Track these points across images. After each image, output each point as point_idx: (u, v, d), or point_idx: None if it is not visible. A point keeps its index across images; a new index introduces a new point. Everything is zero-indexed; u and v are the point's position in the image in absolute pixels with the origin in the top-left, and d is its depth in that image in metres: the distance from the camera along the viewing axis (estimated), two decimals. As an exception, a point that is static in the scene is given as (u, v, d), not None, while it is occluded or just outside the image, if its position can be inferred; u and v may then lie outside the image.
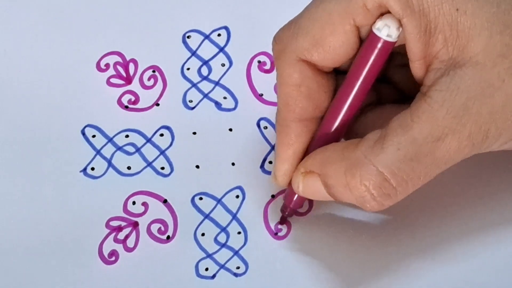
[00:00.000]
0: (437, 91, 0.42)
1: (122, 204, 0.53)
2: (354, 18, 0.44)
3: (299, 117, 0.47)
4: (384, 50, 0.44)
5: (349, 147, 0.45)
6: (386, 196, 0.44)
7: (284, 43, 0.46)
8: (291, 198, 0.50)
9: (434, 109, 0.42)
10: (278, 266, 0.51)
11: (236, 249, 0.51)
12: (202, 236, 0.52)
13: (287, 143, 0.47)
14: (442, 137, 0.42)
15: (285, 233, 0.52)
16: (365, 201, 0.44)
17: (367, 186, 0.43)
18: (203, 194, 0.53)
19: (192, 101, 0.56)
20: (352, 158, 0.44)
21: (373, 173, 0.43)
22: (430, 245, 0.51)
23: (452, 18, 0.42)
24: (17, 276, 0.51)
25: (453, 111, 0.42)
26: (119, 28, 0.57)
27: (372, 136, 0.44)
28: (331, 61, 0.45)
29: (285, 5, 0.58)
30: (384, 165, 0.43)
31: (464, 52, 0.42)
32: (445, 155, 0.43)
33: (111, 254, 0.51)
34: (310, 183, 0.46)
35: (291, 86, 0.46)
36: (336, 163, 0.45)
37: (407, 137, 0.43)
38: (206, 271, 0.51)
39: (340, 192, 0.45)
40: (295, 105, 0.46)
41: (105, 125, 0.55)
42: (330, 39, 0.44)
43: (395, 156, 0.43)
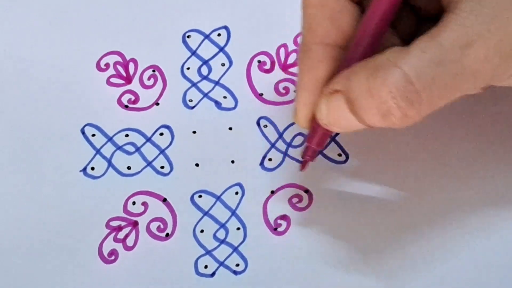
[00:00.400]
0: (465, 2, 0.41)
1: (122, 205, 0.53)
2: None
3: (322, 40, 0.45)
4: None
5: (373, 57, 0.43)
6: (409, 102, 0.41)
7: None
8: (313, 137, 0.47)
9: (462, 17, 0.41)
10: (277, 262, 0.50)
11: (235, 245, 0.51)
12: (201, 233, 0.52)
13: (308, 68, 0.46)
14: (470, 44, 0.41)
15: (284, 229, 0.52)
16: (388, 109, 0.42)
17: (390, 88, 0.41)
18: (202, 192, 0.53)
19: (192, 100, 0.56)
20: (376, 63, 0.42)
21: (397, 74, 0.41)
22: (433, 242, 0.51)
23: None
24: (17, 276, 0.51)
25: (481, 18, 0.41)
26: (119, 28, 0.57)
27: (397, 47, 0.42)
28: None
29: (285, 5, 0.58)
30: (409, 66, 0.41)
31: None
32: (472, 63, 0.41)
33: (111, 254, 0.51)
34: (335, 104, 0.44)
35: (315, 6, 0.45)
36: (359, 72, 0.43)
37: (434, 42, 0.41)
38: (205, 268, 0.50)
39: (363, 105, 0.42)
40: (317, 27, 0.45)
41: (105, 125, 0.55)
42: None
43: (420, 58, 0.41)
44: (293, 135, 0.54)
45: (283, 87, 0.56)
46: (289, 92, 0.56)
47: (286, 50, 0.57)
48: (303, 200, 0.52)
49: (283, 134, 0.54)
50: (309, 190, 0.53)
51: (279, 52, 0.57)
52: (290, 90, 0.56)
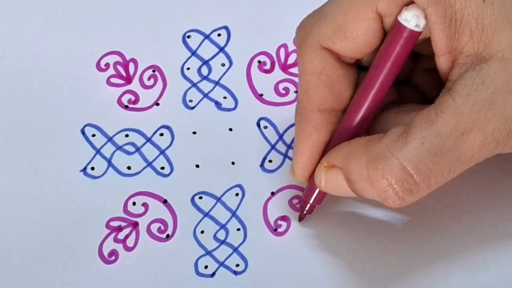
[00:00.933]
0: (462, 86, 0.42)
1: (122, 205, 0.53)
2: (377, 5, 0.43)
3: (319, 107, 0.46)
4: (409, 40, 0.43)
5: (372, 141, 0.44)
6: (408, 191, 0.43)
7: (307, 30, 0.46)
8: (311, 194, 0.49)
9: (459, 103, 0.42)
10: (277, 262, 0.50)
11: (236, 245, 0.51)
12: (202, 234, 0.52)
13: (305, 134, 0.47)
14: (467, 132, 0.42)
15: (284, 229, 0.52)
16: (387, 197, 0.43)
17: (389, 181, 0.43)
18: (203, 193, 0.53)
19: (192, 100, 0.56)
20: (375, 151, 0.43)
21: (396, 167, 0.43)
22: (432, 248, 0.51)
23: (478, 10, 0.42)
24: (17, 276, 0.50)
25: (478, 105, 0.42)
26: (119, 28, 0.57)
27: (395, 130, 0.44)
28: (353, 50, 0.45)
29: (285, 5, 0.58)
30: (408, 159, 0.42)
31: (489, 47, 0.42)
32: (469, 150, 0.42)
33: (111, 254, 0.51)
34: (333, 177, 0.46)
35: (312, 73, 0.46)
36: (358, 157, 0.44)
37: (431, 131, 0.42)
38: (205, 269, 0.50)
39: (362, 187, 0.44)
40: (314, 94, 0.46)
41: (105, 125, 0.55)
42: (352, 26, 0.44)
43: (419, 150, 0.42)
44: (293, 137, 0.54)
45: (283, 88, 0.56)
46: (289, 93, 0.56)
47: (286, 50, 0.57)
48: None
49: (283, 136, 0.54)
50: (309, 191, 0.53)
51: (279, 52, 0.57)
52: (290, 90, 0.56)
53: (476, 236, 0.51)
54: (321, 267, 0.50)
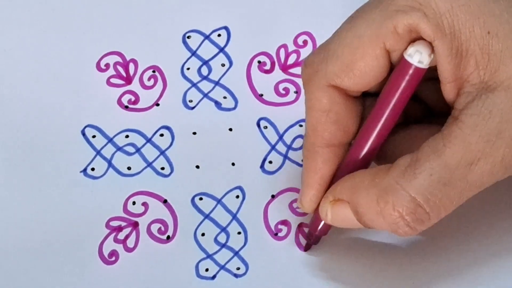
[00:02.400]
0: (469, 115, 0.42)
1: (122, 205, 0.53)
2: (384, 42, 0.43)
3: (327, 142, 0.46)
4: (415, 77, 0.43)
5: (379, 174, 0.44)
6: (419, 221, 0.43)
7: (314, 68, 0.45)
8: (316, 225, 0.49)
9: (466, 134, 0.42)
10: (278, 266, 0.51)
11: (236, 249, 0.51)
12: (202, 236, 0.52)
13: (314, 168, 0.47)
14: (475, 162, 0.42)
15: (285, 234, 0.52)
16: (398, 228, 0.44)
17: (401, 213, 0.43)
18: (203, 194, 0.53)
19: (192, 100, 0.56)
20: (383, 184, 0.43)
21: (406, 199, 0.43)
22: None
23: (484, 41, 0.42)
24: (17, 276, 0.51)
25: (486, 135, 0.42)
26: (119, 28, 0.57)
27: (403, 161, 0.44)
28: (361, 85, 0.45)
29: (285, 5, 0.58)
30: (417, 191, 0.43)
31: (495, 76, 0.42)
32: (478, 179, 0.43)
33: (111, 254, 0.51)
34: (340, 211, 0.46)
35: (320, 111, 0.46)
36: (367, 190, 0.44)
37: (439, 162, 0.42)
38: (206, 271, 0.51)
39: (372, 219, 0.44)
40: (323, 131, 0.46)
41: (105, 125, 0.55)
42: (360, 64, 0.44)
43: (428, 181, 0.42)
44: (293, 137, 0.54)
45: (283, 88, 0.56)
46: (289, 93, 0.56)
47: (286, 50, 0.57)
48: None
49: (283, 136, 0.54)
50: (310, 195, 0.53)
51: (279, 53, 0.57)
52: (290, 91, 0.56)
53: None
54: (321, 272, 0.50)
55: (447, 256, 0.51)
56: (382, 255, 0.51)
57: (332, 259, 0.51)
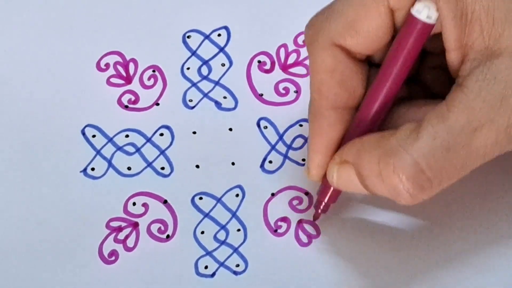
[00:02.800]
0: (474, 81, 0.42)
1: (122, 205, 0.53)
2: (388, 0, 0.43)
3: (333, 104, 0.46)
4: (423, 33, 0.43)
5: (384, 137, 0.43)
6: (420, 187, 0.43)
7: (317, 28, 0.45)
8: (325, 192, 0.49)
9: (471, 99, 0.41)
10: (277, 263, 0.51)
11: (236, 246, 0.51)
12: (202, 234, 0.52)
13: (320, 132, 0.46)
14: (479, 127, 0.42)
15: (284, 230, 0.52)
16: (398, 193, 0.43)
17: (401, 176, 0.42)
18: (203, 194, 0.53)
19: (192, 100, 0.56)
20: (386, 146, 0.43)
21: (408, 162, 0.42)
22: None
23: (488, 4, 0.41)
24: (17, 276, 0.51)
25: (490, 100, 0.41)
26: (119, 28, 0.57)
27: (407, 126, 0.43)
28: (365, 46, 0.44)
29: (285, 5, 0.58)
30: (420, 154, 0.42)
31: (500, 42, 0.42)
32: (482, 146, 0.42)
33: (111, 254, 0.51)
34: (345, 173, 0.45)
35: (324, 72, 0.45)
36: (370, 152, 0.44)
37: (443, 126, 0.42)
38: (205, 269, 0.51)
39: (373, 183, 0.44)
40: (328, 92, 0.45)
41: (105, 125, 0.55)
42: (364, 22, 0.44)
43: (431, 145, 0.42)
44: (293, 137, 0.54)
45: (283, 88, 0.56)
46: (289, 93, 0.56)
47: (286, 50, 0.57)
48: (303, 202, 0.52)
49: (283, 136, 0.54)
50: (309, 192, 0.53)
51: (279, 52, 0.57)
52: (290, 90, 0.56)
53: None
54: (321, 268, 0.50)
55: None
56: (384, 250, 0.51)
57: (331, 255, 0.51)
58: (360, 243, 0.51)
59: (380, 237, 0.51)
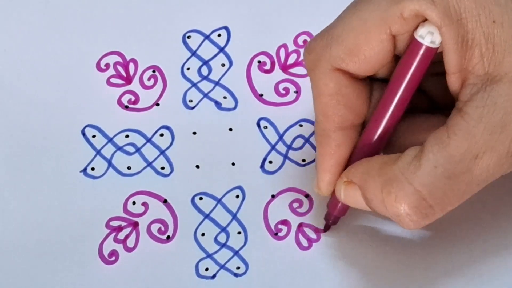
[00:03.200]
0: (474, 107, 0.42)
1: (122, 204, 0.53)
2: (390, 27, 0.43)
3: (339, 126, 0.46)
4: (426, 57, 0.43)
5: (388, 163, 0.44)
6: (422, 215, 0.43)
7: (318, 53, 0.45)
8: (335, 206, 0.49)
9: (471, 126, 0.42)
10: (278, 266, 0.51)
11: (236, 249, 0.51)
12: (202, 236, 0.52)
13: (328, 153, 0.47)
14: (480, 154, 0.42)
15: (285, 234, 0.52)
16: (401, 220, 0.43)
17: (403, 205, 0.43)
18: (203, 194, 0.53)
19: (192, 100, 0.56)
20: (389, 174, 0.43)
21: (409, 191, 0.43)
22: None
23: (489, 30, 0.42)
24: (17, 276, 0.51)
25: (491, 127, 0.41)
26: (119, 28, 0.57)
27: (410, 152, 0.43)
28: (366, 69, 0.45)
29: (285, 5, 0.58)
30: (421, 183, 0.42)
31: (500, 67, 0.42)
32: (483, 172, 0.42)
33: (111, 254, 0.51)
34: (351, 193, 0.46)
35: (328, 95, 0.45)
36: (374, 178, 0.44)
37: (444, 154, 0.42)
38: (206, 271, 0.51)
39: (377, 207, 0.44)
40: (334, 114, 0.46)
41: (105, 125, 0.55)
42: (365, 49, 0.44)
43: (432, 174, 0.42)
44: (293, 137, 0.54)
45: (283, 88, 0.56)
46: (289, 93, 0.56)
47: (286, 50, 0.57)
48: (303, 205, 0.52)
49: (283, 136, 0.54)
50: (309, 195, 0.53)
51: (279, 53, 0.57)
52: (290, 90, 0.56)
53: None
54: (322, 272, 0.50)
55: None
56: (385, 254, 0.51)
57: (332, 259, 0.51)
58: (361, 248, 0.51)
59: (380, 241, 0.51)
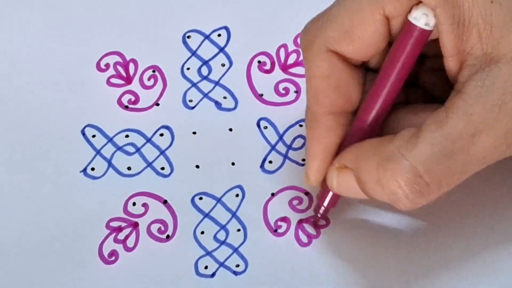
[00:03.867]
0: (472, 87, 0.42)
1: (122, 205, 0.53)
2: (384, 7, 0.43)
3: (329, 110, 0.46)
4: (420, 39, 0.43)
5: (383, 142, 0.44)
6: (418, 193, 0.43)
7: (312, 34, 0.45)
8: (324, 197, 0.49)
9: (469, 105, 0.42)
10: (277, 263, 0.51)
11: (236, 246, 0.51)
12: (202, 234, 0.52)
13: (317, 138, 0.47)
14: (477, 133, 0.42)
15: (284, 230, 0.52)
16: (397, 199, 0.43)
17: (399, 182, 0.42)
18: (203, 194, 0.53)
19: (192, 100, 0.56)
20: (385, 152, 0.43)
21: (406, 168, 0.42)
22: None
23: (486, 10, 0.41)
24: (17, 276, 0.51)
25: (489, 107, 0.41)
26: (119, 28, 0.57)
27: (406, 132, 0.43)
28: (360, 52, 0.45)
29: (285, 5, 0.58)
30: (418, 160, 0.42)
31: (498, 48, 0.42)
32: (480, 152, 0.42)
33: (111, 254, 0.51)
34: (345, 178, 0.46)
35: (320, 77, 0.45)
36: (369, 157, 0.44)
37: (441, 132, 0.42)
38: (205, 269, 0.51)
39: (373, 188, 0.44)
40: (324, 98, 0.46)
41: (105, 125, 0.55)
42: (359, 29, 0.44)
43: (429, 151, 0.42)
44: (293, 137, 0.54)
45: (283, 88, 0.56)
46: (289, 93, 0.56)
47: (286, 50, 0.57)
48: (303, 202, 0.52)
49: (283, 136, 0.54)
50: (309, 192, 0.53)
51: (279, 53, 0.57)
52: (290, 90, 0.56)
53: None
54: (321, 268, 0.50)
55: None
56: (384, 250, 0.51)
57: (331, 255, 0.51)
58: (360, 244, 0.51)
59: (379, 237, 0.51)
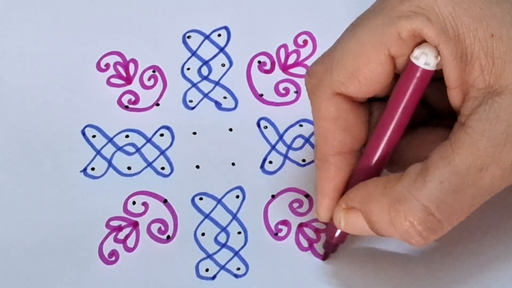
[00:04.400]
0: (477, 121, 0.42)
1: (122, 204, 0.53)
2: (388, 48, 0.43)
3: (338, 150, 0.46)
4: (423, 79, 0.43)
5: (390, 182, 0.44)
6: (431, 230, 0.43)
7: (318, 77, 0.45)
8: (333, 233, 0.49)
9: (475, 139, 0.42)
10: (278, 266, 0.51)
11: (236, 249, 0.51)
12: (202, 236, 0.52)
13: (327, 177, 0.47)
14: (485, 167, 0.42)
15: (285, 234, 0.52)
16: (410, 237, 0.44)
17: (412, 222, 0.43)
18: (203, 194, 0.53)
19: (192, 101, 0.56)
20: (395, 193, 0.43)
21: (418, 208, 0.43)
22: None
23: (488, 44, 0.42)
24: (17, 276, 0.51)
25: (494, 140, 0.42)
26: (119, 28, 0.57)
27: (413, 169, 0.44)
28: (367, 92, 0.45)
29: (285, 5, 0.58)
30: (428, 199, 0.43)
31: (501, 79, 0.42)
32: (489, 184, 0.42)
33: (111, 254, 0.51)
34: (352, 219, 0.46)
35: (328, 120, 0.46)
36: (378, 199, 0.44)
37: (449, 168, 0.42)
38: (206, 271, 0.51)
39: (384, 228, 0.44)
40: (333, 139, 0.46)
41: (105, 125, 0.55)
42: (365, 71, 0.44)
43: (438, 189, 0.42)
44: (293, 137, 0.54)
45: (283, 88, 0.56)
46: (289, 93, 0.56)
47: (286, 50, 0.57)
48: (303, 205, 0.52)
49: (283, 136, 0.54)
50: (309, 195, 0.53)
51: (279, 53, 0.57)
52: (290, 90, 0.56)
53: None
54: (322, 273, 0.50)
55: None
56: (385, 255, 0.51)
57: (332, 259, 0.51)
58: (361, 248, 0.51)
59: (381, 242, 0.51)
